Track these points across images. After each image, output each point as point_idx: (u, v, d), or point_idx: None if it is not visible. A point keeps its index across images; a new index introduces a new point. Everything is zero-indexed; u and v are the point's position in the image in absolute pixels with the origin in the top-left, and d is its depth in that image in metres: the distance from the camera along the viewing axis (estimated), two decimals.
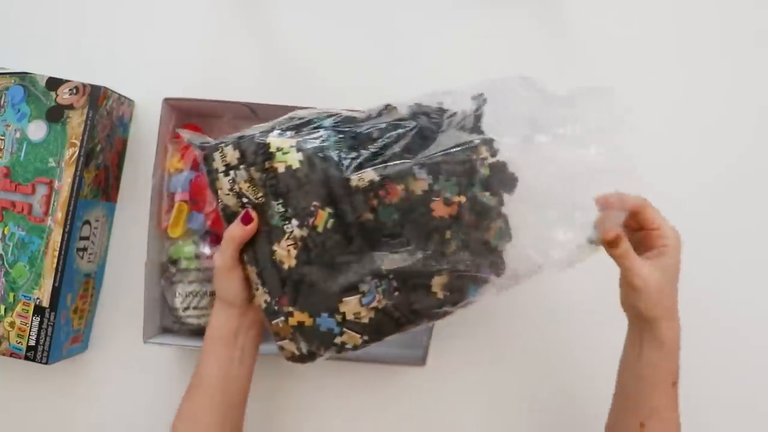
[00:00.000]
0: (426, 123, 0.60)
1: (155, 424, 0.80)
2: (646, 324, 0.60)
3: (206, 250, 0.74)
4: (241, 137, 0.61)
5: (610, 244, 0.58)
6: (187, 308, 0.74)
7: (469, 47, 0.80)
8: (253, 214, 0.59)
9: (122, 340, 0.79)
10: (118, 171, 0.80)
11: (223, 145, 0.61)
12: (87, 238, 0.75)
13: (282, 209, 0.59)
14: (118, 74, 0.80)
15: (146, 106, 0.80)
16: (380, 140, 0.59)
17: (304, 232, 0.58)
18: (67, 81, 0.73)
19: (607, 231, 0.58)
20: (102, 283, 0.80)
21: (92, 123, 0.73)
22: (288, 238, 0.58)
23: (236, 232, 0.59)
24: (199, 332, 0.75)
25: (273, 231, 0.59)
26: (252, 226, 0.59)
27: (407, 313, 0.59)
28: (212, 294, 0.74)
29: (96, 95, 0.73)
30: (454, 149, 0.58)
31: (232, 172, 0.60)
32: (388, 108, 0.62)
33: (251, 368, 0.65)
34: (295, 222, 0.58)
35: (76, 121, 0.73)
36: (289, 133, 0.60)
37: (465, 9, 0.80)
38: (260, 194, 0.59)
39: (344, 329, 0.59)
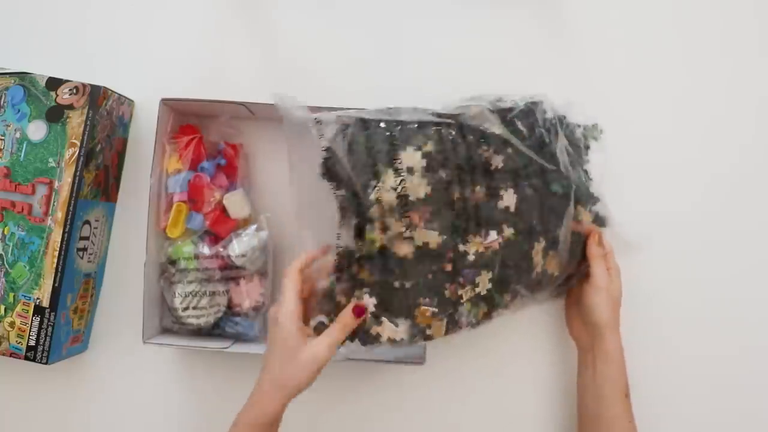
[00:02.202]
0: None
1: (155, 424, 0.80)
2: (597, 336, 0.69)
3: (205, 250, 0.74)
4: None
5: (600, 243, 0.71)
6: (186, 308, 0.73)
7: (469, 47, 0.80)
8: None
9: (122, 340, 0.79)
10: (118, 171, 0.80)
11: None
12: (87, 238, 0.75)
13: None
14: (118, 74, 0.80)
15: (146, 106, 0.80)
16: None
17: None
18: (67, 81, 0.73)
19: (596, 232, 0.71)
20: (102, 283, 0.80)
21: (92, 123, 0.73)
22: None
23: (350, 323, 0.62)
24: (198, 332, 0.76)
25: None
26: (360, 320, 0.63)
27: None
28: (212, 294, 0.74)
29: (96, 95, 0.73)
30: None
31: None
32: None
33: None
34: None
35: (76, 121, 0.73)
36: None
37: (465, 9, 0.80)
38: None
39: None
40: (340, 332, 0.61)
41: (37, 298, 0.72)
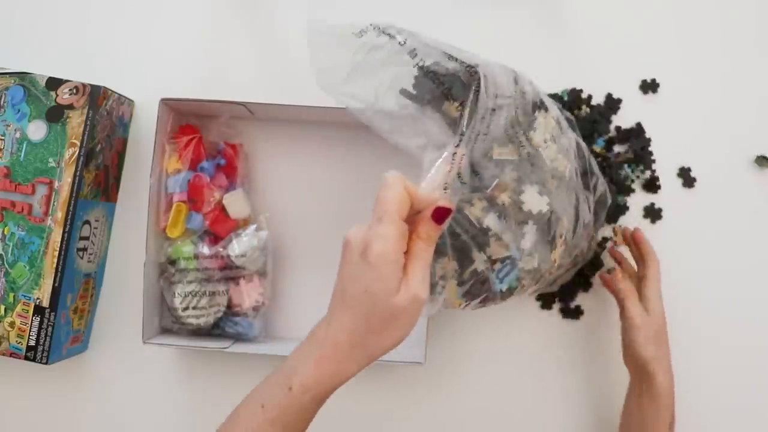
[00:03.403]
0: None
1: (155, 424, 0.80)
2: (645, 373, 0.66)
3: (205, 250, 0.74)
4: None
5: (624, 278, 0.69)
6: (186, 308, 0.73)
7: (468, 47, 0.80)
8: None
9: (122, 340, 0.79)
10: (118, 171, 0.80)
11: None
12: (87, 238, 0.75)
13: None
14: (118, 74, 0.80)
15: (146, 106, 0.80)
16: None
17: None
18: (67, 81, 0.73)
19: (617, 269, 0.71)
20: (102, 283, 0.80)
21: (92, 123, 0.73)
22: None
23: (433, 233, 0.46)
24: (198, 332, 0.76)
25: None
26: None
27: None
28: (211, 294, 0.74)
29: (96, 95, 0.73)
30: None
31: None
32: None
33: None
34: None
35: (76, 121, 0.73)
36: None
37: (465, 9, 0.80)
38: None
39: None
40: (428, 251, 0.45)
41: (37, 298, 0.72)
